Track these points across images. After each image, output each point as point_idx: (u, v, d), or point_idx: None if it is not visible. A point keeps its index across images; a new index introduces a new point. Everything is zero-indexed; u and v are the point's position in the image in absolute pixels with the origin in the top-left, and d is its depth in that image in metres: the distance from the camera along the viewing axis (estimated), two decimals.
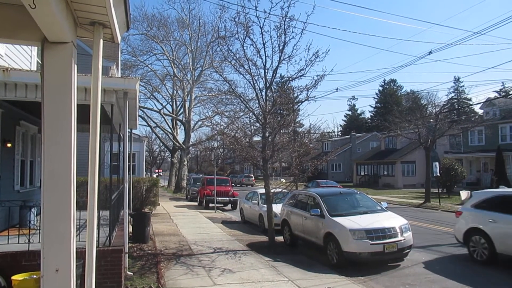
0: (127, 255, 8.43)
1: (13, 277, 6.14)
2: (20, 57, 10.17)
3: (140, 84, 9.11)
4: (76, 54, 2.99)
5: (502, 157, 31.85)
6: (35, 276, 6.18)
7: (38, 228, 7.72)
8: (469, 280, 8.60)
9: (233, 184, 30.39)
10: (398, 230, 9.82)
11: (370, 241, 9.41)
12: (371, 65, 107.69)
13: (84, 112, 4.07)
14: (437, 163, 29.83)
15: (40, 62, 11.10)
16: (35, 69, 10.85)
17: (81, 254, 4.84)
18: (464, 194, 25.77)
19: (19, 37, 2.99)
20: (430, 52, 23.28)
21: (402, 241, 9.74)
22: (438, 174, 28.24)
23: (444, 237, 13.95)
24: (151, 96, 39.62)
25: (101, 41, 3.01)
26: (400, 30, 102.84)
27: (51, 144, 2.89)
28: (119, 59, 24.45)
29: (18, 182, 10.43)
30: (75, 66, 2.93)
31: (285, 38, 11.39)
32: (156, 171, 65.47)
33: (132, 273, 8.39)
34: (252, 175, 61.05)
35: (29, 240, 6.75)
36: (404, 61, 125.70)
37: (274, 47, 11.59)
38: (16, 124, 10.09)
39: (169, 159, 54.11)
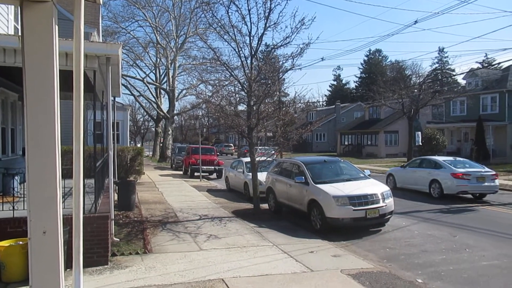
0: (113, 221, 8.48)
1: None
2: None
3: (122, 52, 8.93)
4: (57, 15, 2.89)
5: (482, 127, 32.52)
6: (21, 242, 6.21)
7: (22, 195, 7.67)
8: (446, 243, 8.97)
9: (218, 153, 30.49)
10: (380, 197, 10.07)
11: (353, 207, 9.65)
12: (358, 34, 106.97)
13: (65, 78, 3.98)
14: (419, 133, 30.34)
15: (18, 27, 10.67)
16: (12, 33, 10.48)
17: (67, 221, 4.86)
18: None
19: None
20: (416, 22, 23.32)
21: (384, 207, 10.01)
22: (420, 144, 28.76)
23: (424, 204, 14.37)
24: (134, 64, 38.88)
25: (82, 0, 2.92)
26: None
27: (34, 107, 2.84)
28: (100, 25, 23.74)
29: (0, 150, 10.26)
30: (56, 27, 2.84)
31: (270, 4, 11.21)
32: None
33: (118, 239, 8.46)
34: (231, 145, 62.11)
35: (13, 207, 6.71)
36: (390, 30, 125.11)
37: (259, 13, 11.41)
38: None
39: (153, 129, 53.65)
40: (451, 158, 17.59)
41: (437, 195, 15.65)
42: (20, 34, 3.04)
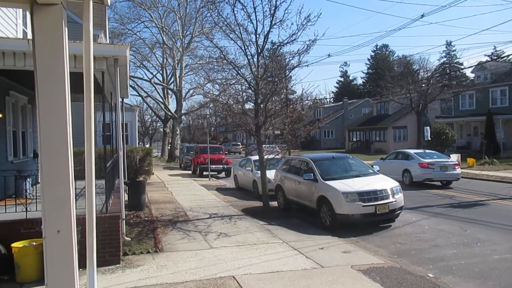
0: (124, 221, 8.56)
1: (13, 245, 6.26)
2: (6, 25, 9.90)
3: (129, 53, 9.01)
4: (66, 17, 2.94)
5: (492, 120, 32.16)
6: (34, 243, 6.30)
7: (35, 197, 7.78)
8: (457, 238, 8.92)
9: (226, 152, 30.57)
10: (389, 192, 10.04)
11: (362, 203, 9.63)
12: (364, 30, 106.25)
13: (74, 80, 4.04)
14: (428, 128, 30.11)
15: (26, 30, 10.78)
16: (21, 37, 10.61)
17: (78, 221, 4.92)
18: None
19: None
20: (423, 15, 23.17)
21: (394, 202, 9.97)
22: (429, 139, 28.55)
23: (434, 199, 14.30)
24: (141, 65, 39.11)
25: (91, 2, 2.96)
26: None
27: (46, 109, 2.88)
28: (107, 27, 23.90)
29: (12, 153, 10.39)
30: (66, 28, 2.89)
31: (276, 1, 11.24)
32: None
33: (130, 239, 8.54)
34: (239, 143, 62.39)
35: (26, 209, 6.81)
36: (397, 25, 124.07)
37: (265, 11, 11.47)
38: (6, 95, 9.95)
39: (161, 129, 53.95)
40: (421, 150, 20.08)
41: (408, 182, 17.76)
42: (29, 37, 3.09)
